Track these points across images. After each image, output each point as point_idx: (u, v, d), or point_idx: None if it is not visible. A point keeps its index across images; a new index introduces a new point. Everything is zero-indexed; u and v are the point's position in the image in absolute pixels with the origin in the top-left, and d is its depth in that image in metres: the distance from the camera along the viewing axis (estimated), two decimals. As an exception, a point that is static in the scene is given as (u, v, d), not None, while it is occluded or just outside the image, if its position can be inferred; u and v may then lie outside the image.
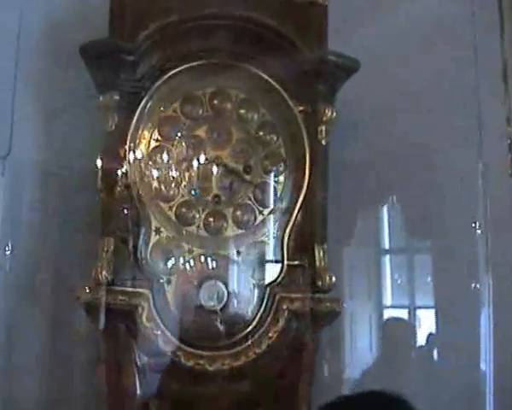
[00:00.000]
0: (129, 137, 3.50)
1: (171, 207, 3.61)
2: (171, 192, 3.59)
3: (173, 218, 3.60)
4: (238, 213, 3.66)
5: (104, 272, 3.38)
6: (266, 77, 3.63)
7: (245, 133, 3.72)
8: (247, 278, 3.60)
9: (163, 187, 3.57)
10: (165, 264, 3.55)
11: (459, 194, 4.01)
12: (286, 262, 3.55)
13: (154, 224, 3.55)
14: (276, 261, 3.58)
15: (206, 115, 3.70)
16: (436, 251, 4.26)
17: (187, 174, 3.60)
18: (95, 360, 3.64)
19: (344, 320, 3.81)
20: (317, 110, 3.64)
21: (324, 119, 3.63)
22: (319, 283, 3.51)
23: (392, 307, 4.36)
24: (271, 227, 3.64)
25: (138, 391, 3.40)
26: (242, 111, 3.73)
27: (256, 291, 3.56)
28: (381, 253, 4.45)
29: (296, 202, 3.59)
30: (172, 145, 3.64)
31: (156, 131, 3.63)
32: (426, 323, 4.24)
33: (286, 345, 3.50)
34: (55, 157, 3.99)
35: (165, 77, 3.56)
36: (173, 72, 3.57)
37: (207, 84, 3.69)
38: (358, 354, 4.02)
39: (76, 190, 3.85)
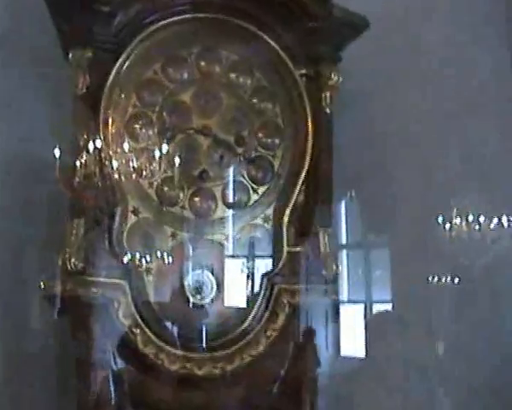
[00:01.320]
0: (102, 103, 3.05)
1: (151, 185, 3.18)
2: (152, 167, 3.10)
3: (154, 196, 3.19)
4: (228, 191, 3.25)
5: (73, 260, 2.94)
6: (263, 35, 3.22)
7: (236, 100, 3.31)
8: (239, 266, 3.19)
9: (142, 161, 3.07)
10: (145, 250, 3.11)
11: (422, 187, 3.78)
12: (286, 249, 3.14)
13: (131, 203, 3.13)
14: (275, 248, 3.18)
15: (192, 78, 3.29)
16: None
17: (170, 146, 3.13)
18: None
19: (300, 316, 3.43)
20: (320, 74, 3.26)
21: (329, 83, 3.25)
22: (324, 272, 3.11)
23: (349, 301, 3.99)
24: (268, 208, 3.24)
25: (114, 399, 2.94)
26: (234, 75, 3.32)
27: (251, 282, 3.16)
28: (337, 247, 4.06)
29: (296, 179, 3.20)
30: (153, 112, 3.22)
31: (134, 95, 3.20)
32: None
33: (287, 345, 3.10)
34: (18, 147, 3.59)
35: (146, 32, 3.15)
36: (155, 27, 3.16)
37: (194, 43, 3.28)
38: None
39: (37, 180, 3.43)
